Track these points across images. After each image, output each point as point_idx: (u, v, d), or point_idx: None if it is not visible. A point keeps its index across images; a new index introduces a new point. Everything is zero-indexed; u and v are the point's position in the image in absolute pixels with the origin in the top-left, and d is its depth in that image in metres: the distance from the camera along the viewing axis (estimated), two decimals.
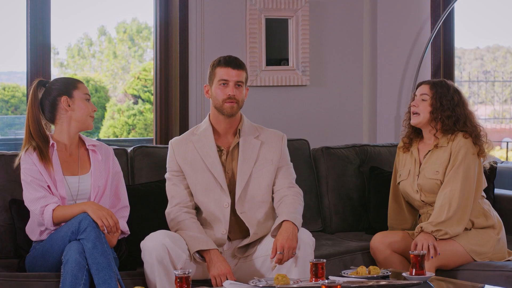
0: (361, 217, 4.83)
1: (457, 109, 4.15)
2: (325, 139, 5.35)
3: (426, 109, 4.17)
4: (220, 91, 3.80)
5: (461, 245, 4.01)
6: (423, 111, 4.17)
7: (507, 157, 9.09)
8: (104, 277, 3.45)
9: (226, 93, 3.79)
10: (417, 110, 4.18)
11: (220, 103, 3.82)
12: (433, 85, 4.19)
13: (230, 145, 3.90)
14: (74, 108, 3.76)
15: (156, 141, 5.19)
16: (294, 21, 5.37)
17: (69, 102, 3.75)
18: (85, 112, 3.78)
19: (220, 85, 3.80)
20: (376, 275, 3.44)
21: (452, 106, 4.14)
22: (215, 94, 3.82)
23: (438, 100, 4.14)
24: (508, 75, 10.69)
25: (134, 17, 8.35)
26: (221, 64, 3.81)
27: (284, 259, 3.60)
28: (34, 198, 3.65)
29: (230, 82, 3.79)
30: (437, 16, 5.56)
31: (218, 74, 3.81)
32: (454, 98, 4.16)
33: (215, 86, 3.82)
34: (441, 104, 4.14)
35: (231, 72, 3.79)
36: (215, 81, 3.82)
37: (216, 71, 3.82)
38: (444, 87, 4.18)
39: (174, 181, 3.90)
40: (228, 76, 3.79)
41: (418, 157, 4.24)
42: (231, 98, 3.79)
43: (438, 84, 4.19)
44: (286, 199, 3.83)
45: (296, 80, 5.40)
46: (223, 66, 3.80)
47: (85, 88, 3.82)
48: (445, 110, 4.14)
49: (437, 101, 4.14)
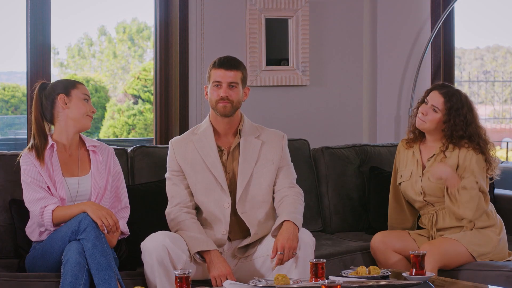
0: (361, 217, 4.83)
1: (469, 128, 4.09)
2: (325, 139, 5.35)
3: (435, 120, 4.11)
4: (214, 92, 3.84)
5: (463, 245, 4.01)
6: (432, 121, 4.12)
7: (507, 157, 9.09)
8: (104, 277, 3.45)
9: (219, 94, 3.82)
10: (425, 119, 4.13)
11: (214, 104, 3.85)
12: (448, 100, 4.09)
13: (230, 145, 3.90)
14: (71, 106, 3.76)
15: (156, 141, 5.19)
16: (294, 21, 5.37)
17: (66, 100, 3.76)
18: (82, 111, 3.77)
19: (214, 86, 3.84)
20: (376, 275, 3.44)
21: (465, 126, 4.09)
22: (210, 95, 3.86)
23: (452, 118, 4.08)
24: (508, 75, 10.69)
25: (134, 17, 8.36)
26: (215, 66, 3.85)
27: (285, 259, 3.60)
28: (34, 199, 3.66)
29: (223, 84, 3.82)
30: (437, 16, 5.56)
31: (212, 76, 3.85)
32: (467, 117, 4.09)
33: (210, 87, 3.86)
34: (454, 122, 4.08)
35: (224, 73, 3.82)
36: (210, 82, 3.86)
37: (211, 72, 3.86)
38: (458, 102, 4.09)
39: (174, 181, 3.90)
40: (221, 78, 3.82)
41: (421, 159, 4.23)
42: (223, 99, 3.82)
43: (452, 98, 4.09)
44: (286, 199, 3.84)
45: (296, 80, 5.40)
46: (217, 67, 3.84)
47: (84, 89, 3.82)
48: (457, 129, 4.08)
49: (450, 119, 4.08)
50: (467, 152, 4.10)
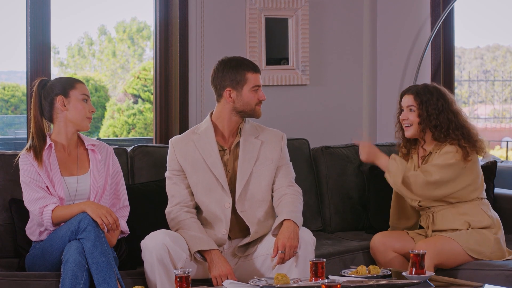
0: (361, 217, 4.83)
1: (441, 116, 4.13)
2: (325, 139, 5.35)
3: (415, 120, 4.17)
4: (253, 96, 3.85)
5: (459, 244, 4.01)
6: (414, 121, 4.18)
7: (507, 156, 9.10)
8: (104, 277, 3.45)
9: (259, 97, 3.86)
10: (408, 122, 4.19)
11: (252, 107, 3.85)
12: (417, 95, 4.17)
13: (231, 145, 3.91)
14: (69, 108, 3.75)
15: (156, 141, 5.19)
16: (294, 20, 5.37)
17: (64, 102, 3.74)
18: (81, 114, 3.76)
19: (253, 91, 3.84)
20: (376, 275, 3.44)
21: (436, 113, 4.13)
22: (248, 98, 3.84)
23: (425, 109, 4.14)
24: (508, 74, 10.70)
25: (134, 17, 8.36)
26: (252, 70, 3.85)
27: (286, 258, 3.61)
28: (33, 199, 3.65)
29: (260, 87, 3.87)
30: (437, 16, 5.56)
31: (250, 80, 3.84)
32: (438, 104, 4.15)
33: (248, 90, 3.84)
34: (427, 113, 4.13)
35: (259, 77, 3.88)
36: (247, 86, 3.84)
37: (247, 76, 3.84)
38: (427, 94, 4.16)
39: (175, 180, 3.90)
40: (259, 82, 3.87)
41: (418, 163, 4.25)
42: (261, 102, 3.88)
43: (421, 92, 4.17)
44: (285, 198, 3.84)
45: (296, 79, 5.40)
46: (254, 71, 3.85)
47: (83, 88, 3.80)
48: (431, 119, 4.13)
49: (423, 111, 4.14)
50: (445, 146, 4.12)
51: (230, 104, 3.85)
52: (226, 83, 3.84)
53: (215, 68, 3.90)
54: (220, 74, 3.86)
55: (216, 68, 3.90)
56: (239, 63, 3.85)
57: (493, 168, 4.64)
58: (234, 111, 3.86)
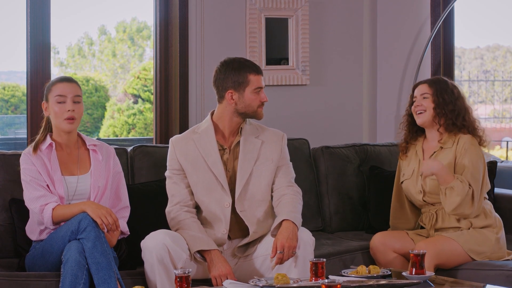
0: (361, 217, 4.83)
1: (458, 102, 4.18)
2: (325, 139, 5.35)
3: (430, 106, 4.18)
4: (255, 98, 3.84)
5: (459, 244, 4.01)
6: (428, 107, 4.18)
7: (507, 156, 9.10)
8: (104, 277, 3.45)
9: (261, 99, 3.85)
10: (422, 109, 4.19)
11: (254, 109, 3.85)
12: (432, 83, 4.23)
13: (232, 144, 3.91)
14: (49, 111, 3.77)
15: (156, 141, 5.19)
16: (294, 20, 5.37)
17: (45, 105, 3.78)
18: (57, 116, 3.73)
19: (255, 93, 3.84)
20: (376, 275, 3.44)
21: (453, 99, 4.18)
22: (250, 100, 3.83)
23: (440, 96, 4.17)
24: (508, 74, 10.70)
25: (134, 17, 8.35)
26: (252, 71, 3.84)
27: (285, 258, 3.61)
28: (34, 197, 3.66)
29: (262, 89, 3.86)
30: (437, 16, 5.56)
31: (252, 82, 3.83)
32: (454, 92, 4.20)
33: (250, 92, 3.83)
34: (443, 99, 4.17)
35: (261, 78, 3.87)
36: (249, 87, 3.83)
37: (250, 78, 3.83)
38: (442, 83, 4.22)
39: (175, 179, 3.90)
40: (261, 84, 3.86)
41: (423, 157, 4.24)
42: (263, 104, 3.88)
43: (435, 81, 4.24)
44: (285, 198, 3.84)
45: (296, 79, 5.40)
46: (256, 73, 3.84)
47: (59, 88, 3.74)
48: (447, 104, 4.16)
49: (439, 97, 4.17)
50: (461, 139, 4.12)
51: (232, 106, 3.85)
52: (228, 84, 3.83)
53: (217, 69, 3.89)
54: (222, 75, 3.85)
55: (218, 69, 3.89)
56: (242, 64, 3.85)
57: (493, 168, 4.64)
58: (236, 113, 3.86)
